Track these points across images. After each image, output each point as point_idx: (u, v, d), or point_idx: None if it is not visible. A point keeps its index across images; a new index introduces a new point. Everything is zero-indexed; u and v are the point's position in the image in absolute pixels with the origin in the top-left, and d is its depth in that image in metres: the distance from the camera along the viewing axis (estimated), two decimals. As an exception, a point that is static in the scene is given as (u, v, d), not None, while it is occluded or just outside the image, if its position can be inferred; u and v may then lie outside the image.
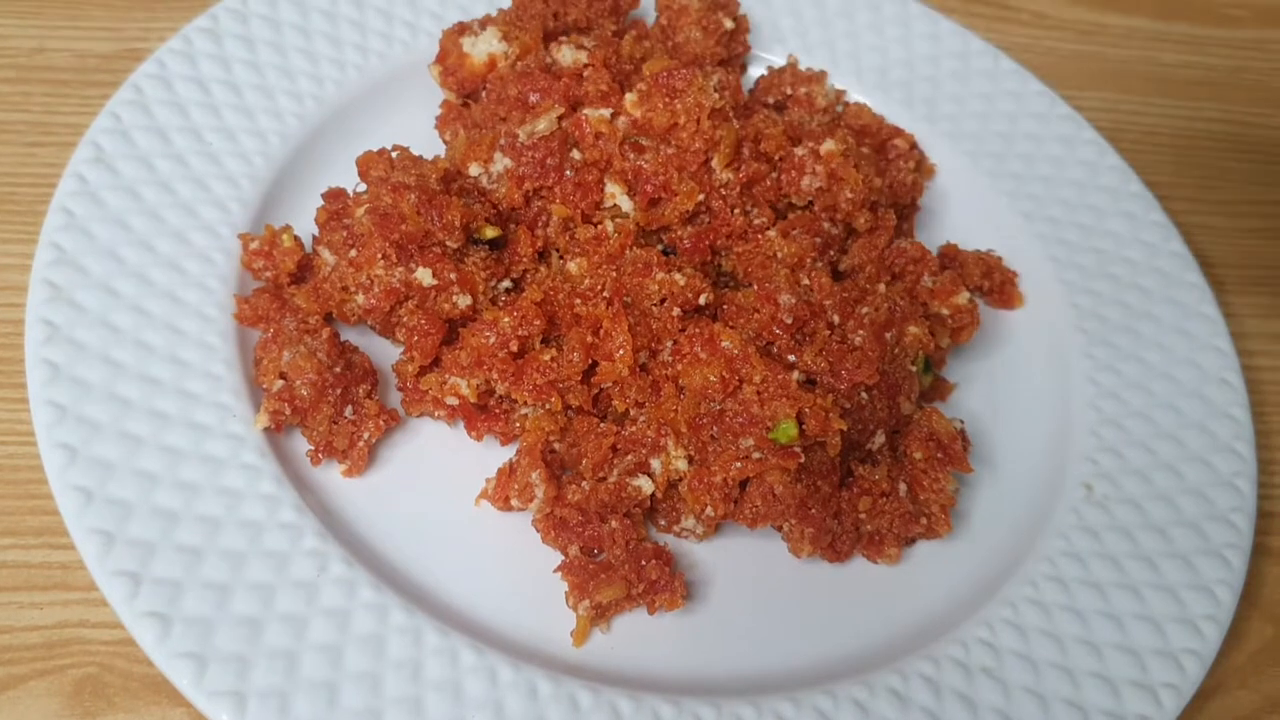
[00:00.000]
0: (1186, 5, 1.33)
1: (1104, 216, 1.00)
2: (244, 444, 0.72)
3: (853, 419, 0.75)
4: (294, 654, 0.64)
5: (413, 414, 0.79)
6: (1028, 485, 0.84)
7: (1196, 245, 1.03)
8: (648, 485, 0.74)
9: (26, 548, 0.72)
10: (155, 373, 0.73)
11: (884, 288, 0.81)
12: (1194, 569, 0.78)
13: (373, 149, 0.82)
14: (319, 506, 0.73)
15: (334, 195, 0.81)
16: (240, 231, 0.81)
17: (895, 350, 0.79)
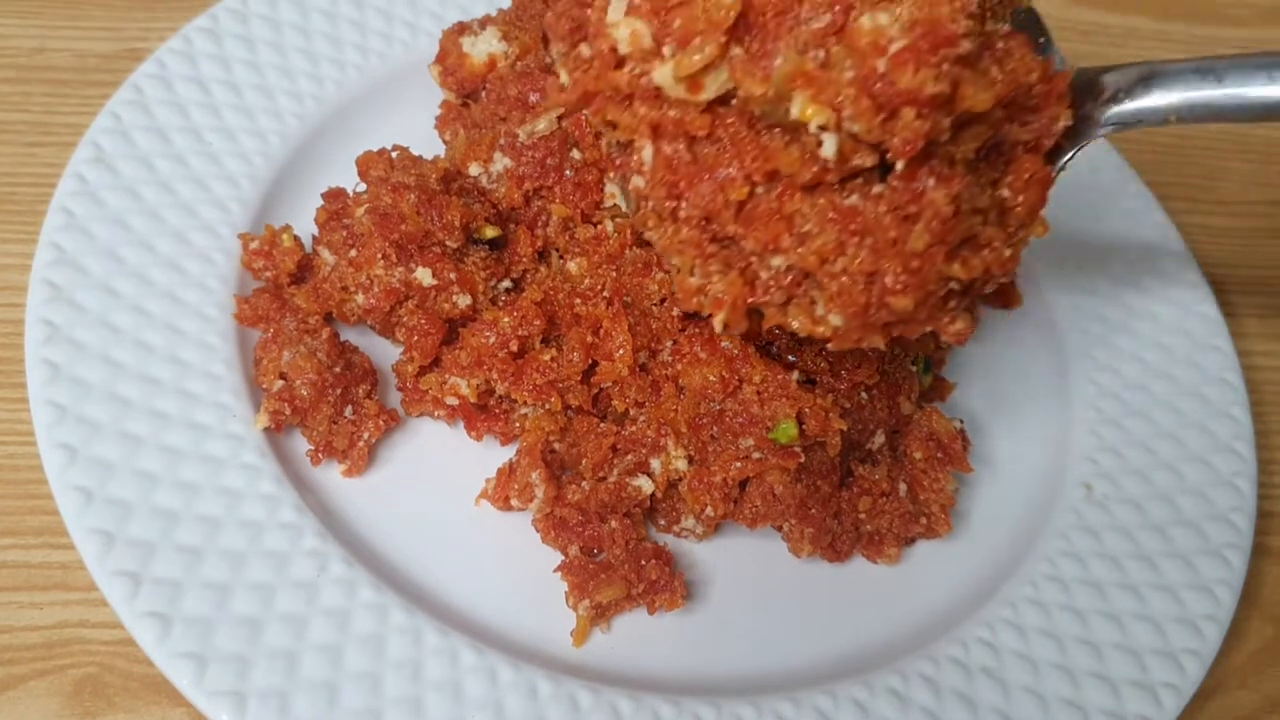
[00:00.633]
0: (1186, 5, 1.33)
1: (1104, 216, 1.00)
2: (244, 444, 0.72)
3: (853, 419, 0.75)
4: (294, 654, 0.64)
5: (413, 414, 0.79)
6: (1028, 485, 0.84)
7: (1196, 245, 1.03)
8: (648, 485, 0.74)
9: (26, 548, 0.72)
10: (155, 373, 0.73)
11: None
12: (1194, 569, 0.78)
13: (373, 149, 0.82)
14: (319, 506, 0.73)
15: (334, 195, 0.81)
16: (240, 231, 0.81)
17: (895, 350, 0.79)
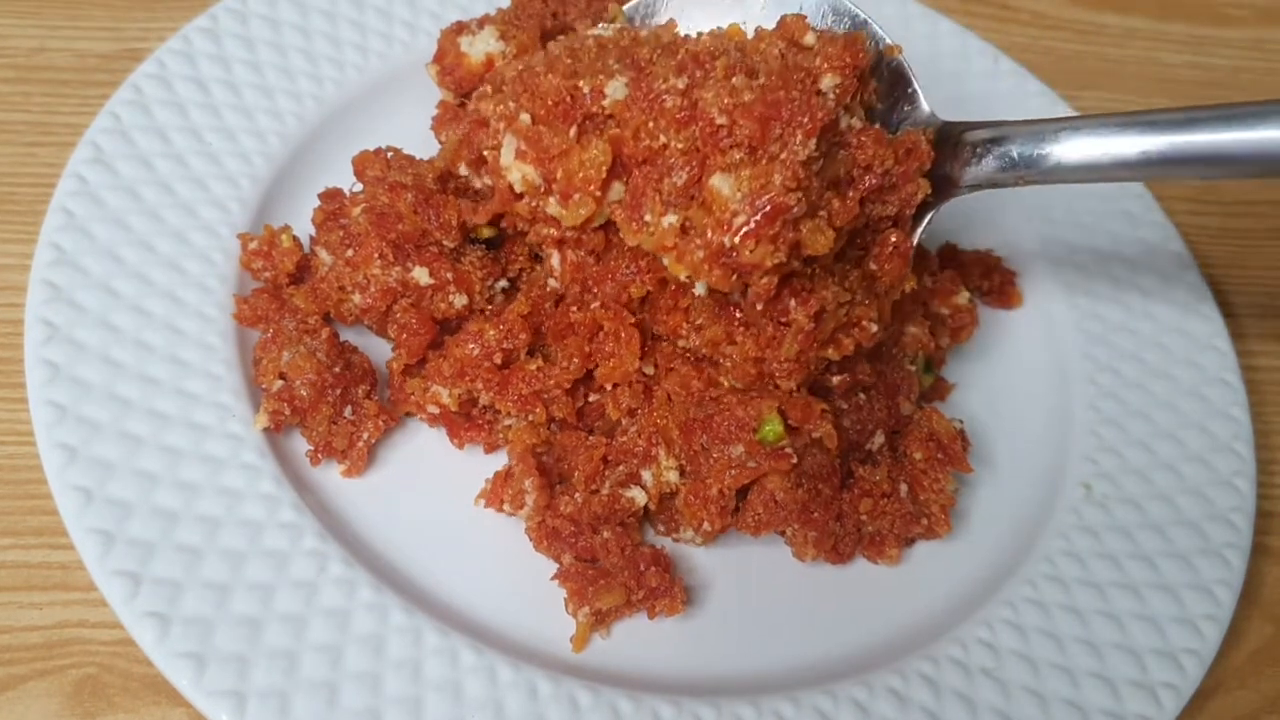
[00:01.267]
0: (1186, 5, 1.33)
1: (1103, 216, 1.00)
2: (244, 444, 0.72)
3: (852, 419, 0.75)
4: (294, 654, 0.64)
5: (398, 412, 0.79)
6: (1027, 485, 0.84)
7: (1196, 245, 1.03)
8: (641, 496, 0.74)
9: (26, 548, 0.72)
10: (155, 373, 0.72)
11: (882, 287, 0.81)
12: (1193, 568, 0.78)
13: (370, 149, 0.82)
14: (319, 506, 0.73)
15: (331, 195, 0.81)
16: (240, 231, 0.81)
17: (894, 350, 0.79)
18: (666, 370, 0.75)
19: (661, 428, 0.74)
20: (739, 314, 0.70)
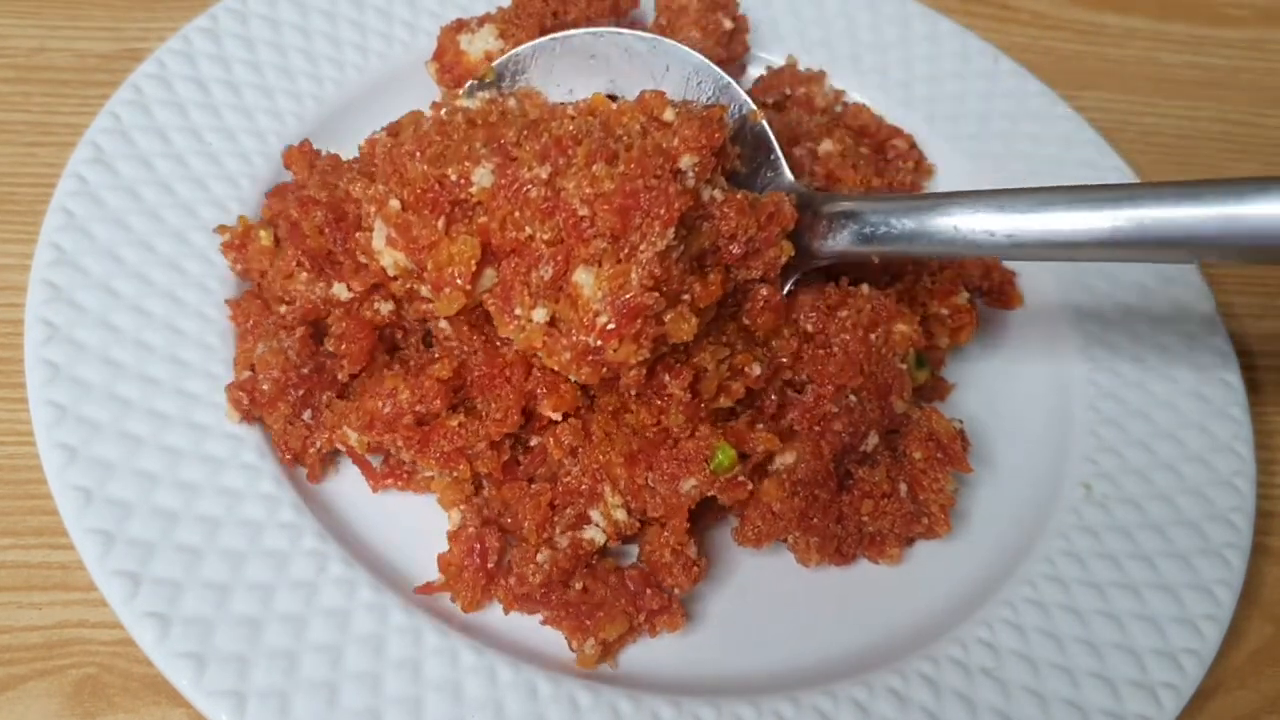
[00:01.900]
0: (1186, 5, 1.33)
1: (1104, 216, 0.99)
2: (243, 444, 0.72)
3: (843, 421, 0.75)
4: (294, 654, 0.64)
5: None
6: (1027, 485, 0.84)
7: (1196, 245, 1.03)
8: (599, 535, 0.71)
9: (26, 548, 0.72)
10: (155, 373, 0.72)
11: (867, 288, 0.80)
12: (1193, 569, 0.78)
13: (296, 146, 0.82)
14: (319, 506, 0.73)
15: (279, 191, 0.81)
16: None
17: (882, 350, 0.78)
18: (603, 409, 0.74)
19: (605, 464, 0.71)
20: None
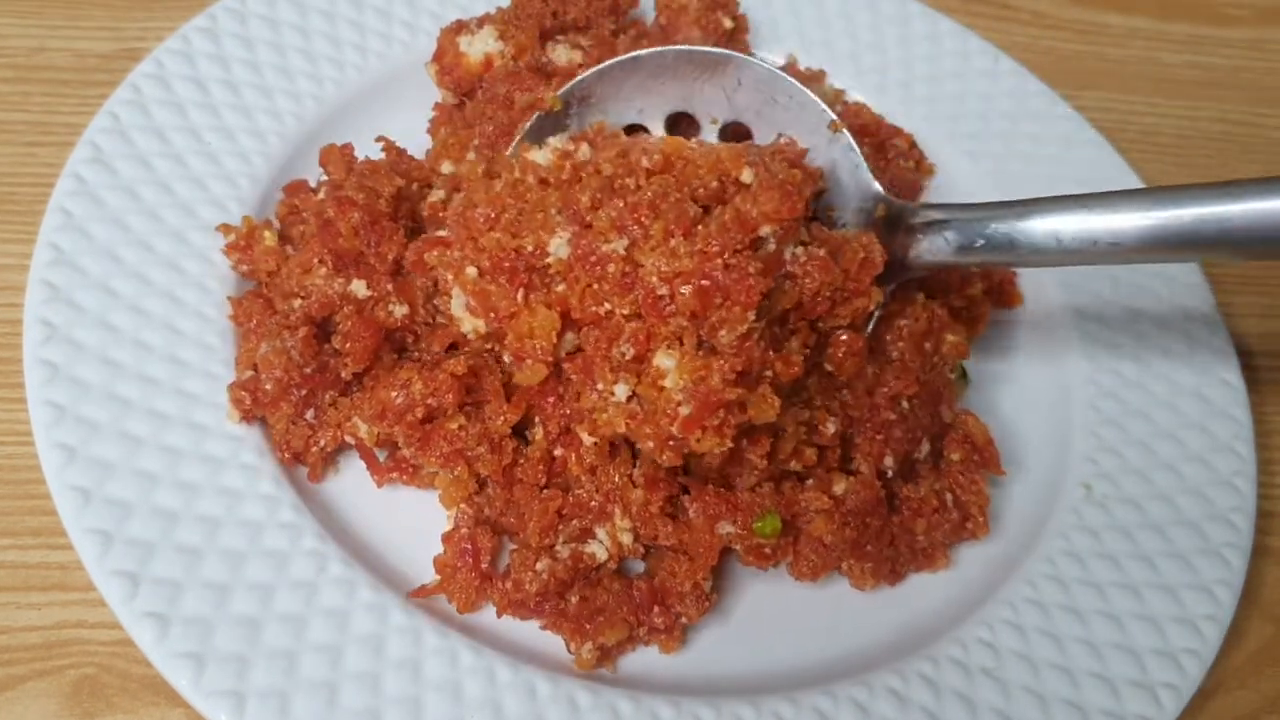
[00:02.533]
0: (1186, 5, 1.33)
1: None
2: (243, 444, 0.72)
3: (902, 429, 0.76)
4: (293, 654, 0.64)
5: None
6: (1027, 485, 0.84)
7: (1196, 245, 1.03)
8: (601, 552, 0.71)
9: (24, 548, 0.72)
10: (154, 372, 0.72)
11: (923, 297, 0.80)
12: (1193, 569, 0.78)
13: (337, 144, 0.81)
14: (318, 506, 0.73)
15: (295, 188, 0.80)
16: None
17: (935, 359, 0.79)
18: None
19: (621, 487, 0.71)
20: None
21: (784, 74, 0.79)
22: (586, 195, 0.69)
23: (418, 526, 0.74)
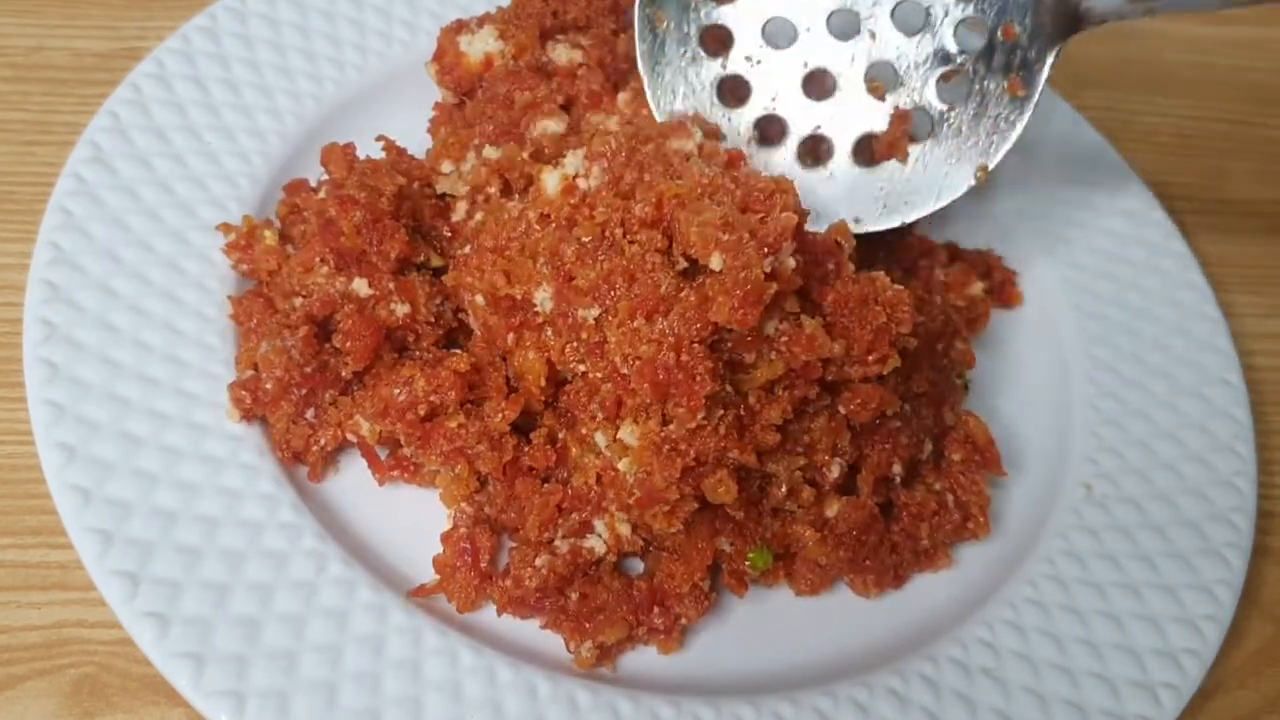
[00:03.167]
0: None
1: (1104, 216, 0.99)
2: (243, 443, 0.72)
3: (907, 432, 0.76)
4: (293, 654, 0.64)
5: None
6: (1027, 485, 0.84)
7: (1196, 245, 1.03)
8: (599, 545, 0.71)
9: (24, 547, 0.72)
10: (154, 372, 0.72)
11: (940, 299, 0.80)
12: (1194, 569, 0.78)
13: (339, 144, 0.81)
14: (318, 506, 0.73)
15: (295, 187, 0.80)
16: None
17: (943, 362, 0.79)
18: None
19: (618, 478, 0.70)
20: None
21: None
22: (572, 248, 0.68)
23: (417, 526, 0.74)
